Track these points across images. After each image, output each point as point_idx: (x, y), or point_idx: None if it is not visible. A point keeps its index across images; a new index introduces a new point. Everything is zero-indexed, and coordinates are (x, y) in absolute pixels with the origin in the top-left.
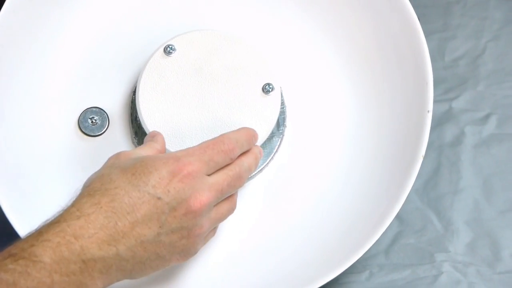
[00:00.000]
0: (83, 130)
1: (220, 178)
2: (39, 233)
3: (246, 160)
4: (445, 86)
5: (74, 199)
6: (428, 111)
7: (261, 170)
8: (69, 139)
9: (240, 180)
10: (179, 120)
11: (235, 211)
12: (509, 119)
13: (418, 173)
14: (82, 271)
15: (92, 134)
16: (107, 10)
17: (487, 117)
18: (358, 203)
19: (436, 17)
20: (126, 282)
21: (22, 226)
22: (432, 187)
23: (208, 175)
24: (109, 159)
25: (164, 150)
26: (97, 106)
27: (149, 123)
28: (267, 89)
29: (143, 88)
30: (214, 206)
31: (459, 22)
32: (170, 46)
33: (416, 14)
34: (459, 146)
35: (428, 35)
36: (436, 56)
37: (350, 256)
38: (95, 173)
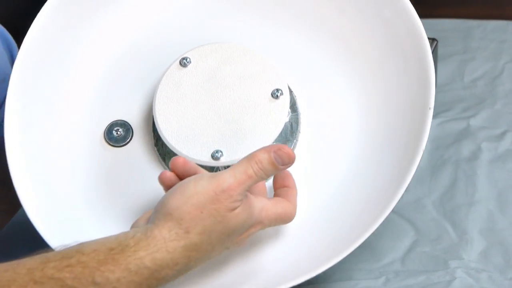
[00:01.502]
0: (108, 141)
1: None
2: (129, 273)
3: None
4: (464, 105)
5: (169, 236)
6: (429, 108)
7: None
8: (96, 149)
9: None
10: (193, 126)
11: None
12: None
13: (435, 186)
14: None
15: (117, 144)
16: (128, 29)
17: (503, 134)
18: (367, 192)
19: (457, 40)
20: None
21: (48, 231)
22: (449, 199)
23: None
24: (223, 215)
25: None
26: (121, 119)
27: (164, 129)
28: (276, 94)
29: (159, 98)
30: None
31: (478, 45)
32: (186, 59)
33: (437, 37)
34: (476, 161)
35: (449, 57)
36: (456, 77)
37: (363, 234)
38: (201, 218)
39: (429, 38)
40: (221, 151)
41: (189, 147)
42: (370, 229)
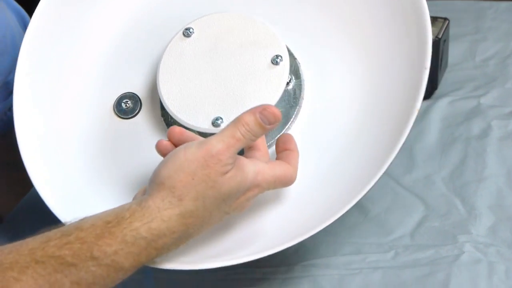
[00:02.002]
0: (117, 113)
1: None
2: (123, 239)
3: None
4: (475, 84)
5: (163, 205)
6: (425, 68)
7: (296, 116)
8: (105, 121)
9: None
10: (194, 95)
11: None
12: None
13: (445, 163)
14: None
15: (126, 116)
16: (133, 2)
17: None
18: (363, 154)
19: (469, 21)
20: None
21: (58, 205)
22: (458, 175)
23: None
24: (215, 180)
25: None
26: (130, 91)
27: (167, 99)
28: (275, 60)
29: (163, 68)
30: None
31: (490, 25)
32: (189, 29)
33: (450, 18)
34: (485, 138)
35: (461, 37)
36: (468, 56)
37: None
38: (195, 185)
39: (440, 18)
40: (221, 118)
41: (191, 115)
42: (364, 190)
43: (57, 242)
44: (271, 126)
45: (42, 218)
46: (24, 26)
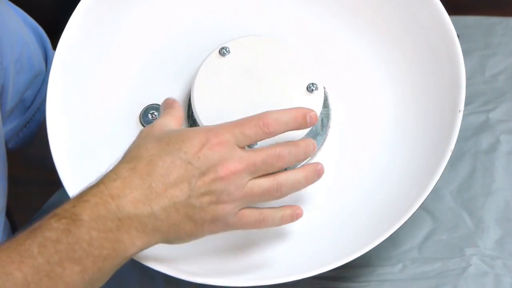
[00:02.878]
0: (143, 124)
1: (255, 152)
2: (80, 195)
3: (290, 144)
4: (484, 99)
5: (113, 165)
6: (459, 111)
7: (322, 143)
8: (131, 131)
9: (279, 160)
10: (228, 113)
11: None
12: None
13: (454, 176)
14: (119, 228)
15: None
16: (171, 16)
17: None
18: (394, 190)
19: (479, 36)
20: None
21: None
22: (466, 189)
23: (243, 148)
24: (143, 131)
25: (182, 116)
26: (157, 103)
27: (202, 116)
28: (311, 88)
29: (198, 85)
30: (250, 180)
31: (500, 41)
32: (225, 48)
33: (460, 33)
34: (494, 153)
35: (470, 53)
36: (477, 71)
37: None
38: (132, 143)
39: None
40: None
41: None
42: (396, 225)
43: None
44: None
45: None
46: (41, 43)
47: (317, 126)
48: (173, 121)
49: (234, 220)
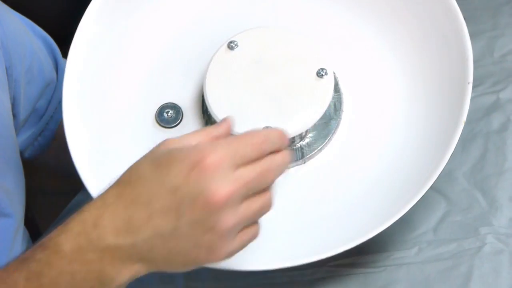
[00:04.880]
0: (159, 122)
1: (247, 171)
2: (67, 222)
3: (278, 156)
4: (493, 80)
5: (105, 189)
6: (468, 83)
7: (320, 149)
8: (147, 130)
9: (270, 174)
10: (241, 105)
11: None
12: None
13: (466, 158)
14: (101, 259)
15: (167, 126)
16: (177, 16)
17: None
18: (407, 168)
19: (486, 18)
20: None
21: None
22: (479, 170)
23: (236, 168)
24: (153, 148)
25: (225, 135)
26: (172, 102)
27: (215, 109)
28: (321, 73)
29: (209, 79)
30: (244, 201)
31: (507, 21)
32: (233, 42)
33: (467, 16)
34: (505, 132)
35: (479, 35)
36: (486, 53)
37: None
38: (138, 160)
39: None
40: (268, 127)
41: (239, 125)
42: (411, 203)
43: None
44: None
45: None
46: (51, 52)
47: (331, 110)
48: (197, 138)
49: (235, 245)
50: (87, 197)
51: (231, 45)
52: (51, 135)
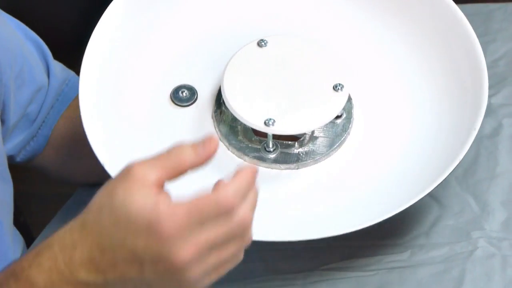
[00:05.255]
0: (173, 100)
1: (211, 229)
2: (36, 254)
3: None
4: None
5: (74, 220)
6: (474, 129)
7: (316, 160)
8: (163, 107)
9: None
10: (255, 95)
11: None
12: None
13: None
14: None
15: (180, 104)
16: (214, 11)
17: None
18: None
19: (478, 23)
20: None
21: None
22: (471, 174)
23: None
24: (103, 193)
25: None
26: (188, 84)
27: (228, 92)
28: (337, 87)
29: (231, 65)
30: (213, 251)
31: (499, 27)
32: (264, 40)
33: None
34: (497, 137)
35: None
36: None
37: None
38: (94, 197)
39: None
40: (274, 120)
41: (246, 112)
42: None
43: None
44: None
45: None
46: (43, 56)
47: (338, 128)
48: (158, 174)
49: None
50: (79, 202)
51: (260, 43)
52: (44, 140)
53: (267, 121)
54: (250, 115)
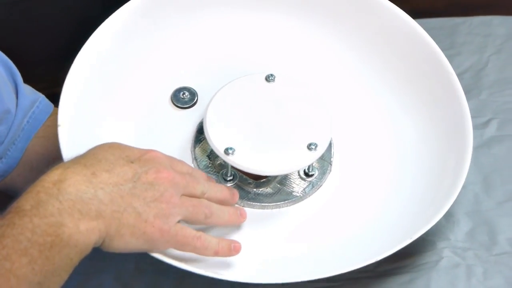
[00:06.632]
0: (173, 101)
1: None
2: (26, 189)
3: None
4: None
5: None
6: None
7: (317, 188)
8: (163, 108)
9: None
10: (231, 126)
11: None
12: (509, 122)
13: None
14: (60, 212)
15: (180, 105)
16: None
17: (488, 121)
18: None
19: (443, 37)
20: None
21: None
22: None
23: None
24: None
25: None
26: (189, 86)
27: (211, 109)
28: (311, 147)
29: (227, 88)
30: (185, 196)
31: (464, 40)
32: (272, 76)
33: None
34: None
35: None
36: None
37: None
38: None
39: None
40: (234, 150)
41: (215, 134)
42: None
43: None
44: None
45: None
46: (12, 77)
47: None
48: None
49: (175, 229)
50: None
51: (269, 78)
52: (13, 162)
53: (227, 149)
54: (216, 138)
